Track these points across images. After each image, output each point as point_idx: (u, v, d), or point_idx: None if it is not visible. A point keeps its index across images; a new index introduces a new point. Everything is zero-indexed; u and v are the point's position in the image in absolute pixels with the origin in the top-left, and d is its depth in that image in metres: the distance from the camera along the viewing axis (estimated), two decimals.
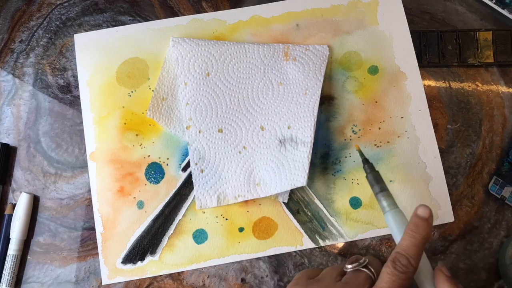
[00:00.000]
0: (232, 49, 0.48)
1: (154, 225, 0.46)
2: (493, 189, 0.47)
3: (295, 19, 0.50)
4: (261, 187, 0.46)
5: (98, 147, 0.47)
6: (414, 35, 0.50)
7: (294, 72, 0.48)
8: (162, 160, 0.47)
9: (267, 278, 0.46)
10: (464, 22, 0.51)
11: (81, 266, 0.46)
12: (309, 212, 0.47)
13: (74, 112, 0.49)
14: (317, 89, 0.46)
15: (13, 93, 0.49)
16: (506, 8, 0.51)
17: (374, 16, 0.50)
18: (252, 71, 0.48)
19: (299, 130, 0.46)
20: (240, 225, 0.46)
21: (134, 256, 0.45)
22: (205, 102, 0.47)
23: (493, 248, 0.47)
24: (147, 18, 0.50)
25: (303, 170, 0.44)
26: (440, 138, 0.49)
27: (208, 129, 0.47)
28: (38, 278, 0.46)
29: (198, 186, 0.46)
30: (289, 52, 0.48)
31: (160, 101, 0.47)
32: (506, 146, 0.48)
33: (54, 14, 0.51)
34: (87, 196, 0.47)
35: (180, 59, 0.47)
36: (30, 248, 0.46)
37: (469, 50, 0.50)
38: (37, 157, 0.48)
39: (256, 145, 0.46)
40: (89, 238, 0.46)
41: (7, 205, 0.47)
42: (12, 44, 0.50)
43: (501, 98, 0.50)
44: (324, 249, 0.46)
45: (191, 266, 0.45)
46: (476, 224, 0.47)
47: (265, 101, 0.47)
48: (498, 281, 0.46)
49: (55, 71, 0.50)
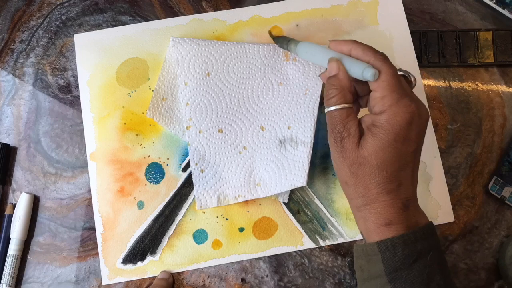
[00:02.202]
0: (232, 49, 0.48)
1: (154, 225, 0.46)
2: (493, 189, 0.47)
3: (295, 19, 0.50)
4: (261, 187, 0.46)
5: (98, 147, 0.47)
6: (414, 35, 0.50)
7: (294, 72, 0.47)
8: (162, 160, 0.47)
9: (267, 278, 0.46)
10: (464, 22, 0.51)
11: (81, 266, 0.46)
12: (309, 212, 0.47)
13: (74, 112, 0.49)
14: (317, 89, 0.46)
15: (13, 93, 0.49)
16: (506, 8, 0.51)
17: (374, 16, 0.50)
18: (252, 71, 0.48)
19: (299, 130, 0.46)
20: (240, 225, 0.46)
21: (134, 256, 0.45)
22: (205, 102, 0.47)
23: (493, 248, 0.47)
24: (147, 18, 0.50)
25: (303, 171, 0.44)
26: (440, 138, 0.49)
27: (208, 129, 0.47)
28: (38, 278, 0.46)
29: (198, 186, 0.46)
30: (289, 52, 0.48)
31: (160, 101, 0.47)
32: (506, 146, 0.48)
33: (54, 14, 0.51)
34: (87, 196, 0.47)
35: (180, 59, 0.47)
36: (30, 248, 0.46)
37: (469, 50, 0.50)
38: (37, 157, 0.48)
39: (256, 145, 0.46)
40: (89, 238, 0.46)
41: (7, 205, 0.47)
42: (12, 44, 0.50)
43: (501, 98, 0.50)
44: (324, 249, 0.46)
45: (191, 266, 0.45)
46: (476, 224, 0.47)
47: (265, 101, 0.47)
48: (498, 281, 0.46)
49: (55, 71, 0.50)
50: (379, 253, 0.33)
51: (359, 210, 0.35)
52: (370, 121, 0.34)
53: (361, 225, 0.36)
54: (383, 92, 0.34)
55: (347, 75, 0.36)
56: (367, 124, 0.35)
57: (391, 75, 0.34)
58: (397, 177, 0.34)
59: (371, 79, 0.33)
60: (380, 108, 0.34)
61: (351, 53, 0.36)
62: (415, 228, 0.34)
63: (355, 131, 0.34)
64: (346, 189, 0.36)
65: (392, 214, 0.33)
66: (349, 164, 0.34)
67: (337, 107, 0.35)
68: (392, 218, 0.33)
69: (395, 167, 0.33)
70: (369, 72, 0.33)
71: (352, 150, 0.34)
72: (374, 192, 0.34)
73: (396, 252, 0.33)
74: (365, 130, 0.35)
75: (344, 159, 0.35)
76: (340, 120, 0.35)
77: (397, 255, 0.33)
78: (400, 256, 0.32)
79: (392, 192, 0.33)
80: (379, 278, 0.33)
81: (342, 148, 0.35)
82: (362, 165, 0.34)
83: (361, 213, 0.35)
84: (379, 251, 0.33)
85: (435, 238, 0.35)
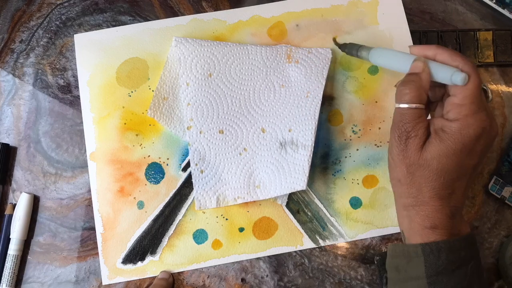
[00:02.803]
0: (234, 51, 0.48)
1: (154, 225, 0.46)
2: (493, 189, 0.47)
3: (295, 19, 0.50)
4: (260, 189, 0.46)
5: (98, 147, 0.47)
6: (414, 35, 0.50)
7: (296, 75, 0.47)
8: (162, 160, 0.47)
9: (267, 278, 0.46)
10: (464, 22, 0.51)
11: (81, 266, 0.46)
12: (309, 212, 0.47)
13: (74, 112, 0.49)
14: (319, 92, 0.46)
15: (13, 93, 0.49)
16: (506, 8, 0.51)
17: (374, 16, 0.50)
18: (254, 73, 0.48)
19: (300, 133, 0.46)
20: (240, 225, 0.46)
21: (134, 256, 0.45)
22: (207, 103, 0.47)
23: (493, 248, 0.47)
24: (147, 18, 0.50)
25: (303, 174, 0.44)
26: None
27: (209, 130, 0.47)
28: (38, 278, 0.46)
29: (198, 187, 0.46)
30: (291, 54, 0.48)
31: (161, 100, 0.47)
32: (506, 146, 0.48)
33: (54, 14, 0.51)
34: (87, 196, 0.47)
35: (182, 59, 0.47)
36: (30, 248, 0.46)
37: (469, 50, 0.50)
38: (37, 157, 0.48)
39: (257, 147, 0.46)
40: (89, 238, 0.46)
41: (7, 205, 0.47)
42: (12, 44, 0.50)
43: (501, 98, 0.50)
44: (324, 249, 0.46)
45: (191, 266, 0.45)
46: (476, 224, 0.47)
47: (266, 103, 0.47)
48: (498, 281, 0.46)
49: (55, 71, 0.50)
50: (422, 255, 0.33)
51: (406, 209, 0.35)
52: (440, 125, 0.34)
53: (405, 224, 0.36)
54: (463, 100, 0.33)
55: (429, 76, 0.35)
56: (436, 127, 0.35)
57: (477, 85, 0.34)
58: (452, 186, 0.34)
59: (460, 83, 0.33)
60: (455, 116, 0.34)
61: (437, 58, 0.36)
62: (458, 235, 0.34)
63: (423, 133, 0.35)
64: (398, 187, 0.36)
65: (439, 219, 0.34)
66: (408, 164, 0.35)
67: (411, 105, 0.35)
68: (439, 223, 0.34)
69: (453, 176, 0.34)
70: (459, 76, 0.33)
71: (415, 150, 0.34)
72: (427, 195, 0.34)
73: (440, 256, 0.33)
74: (432, 133, 0.35)
75: (404, 157, 0.35)
76: (411, 119, 0.35)
77: (441, 259, 0.33)
78: (444, 261, 0.33)
79: (444, 198, 0.34)
80: (418, 280, 0.33)
81: (405, 147, 0.35)
82: (421, 167, 0.34)
83: (408, 212, 0.35)
84: (423, 253, 0.33)
85: (476, 248, 0.35)
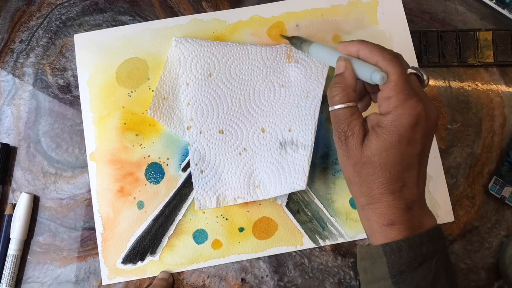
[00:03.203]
0: (234, 50, 0.48)
1: (154, 225, 0.46)
2: (493, 189, 0.47)
3: (295, 19, 0.50)
4: (260, 190, 0.46)
5: (98, 147, 0.47)
6: (414, 35, 0.50)
7: (296, 75, 0.47)
8: (162, 160, 0.47)
9: (267, 278, 0.46)
10: (464, 22, 0.51)
11: (81, 266, 0.46)
12: (309, 212, 0.47)
13: (74, 112, 0.49)
14: (319, 92, 0.46)
15: (13, 93, 0.49)
16: (506, 8, 0.51)
17: (374, 16, 0.50)
18: (254, 73, 0.48)
19: (300, 133, 0.46)
20: (240, 225, 0.46)
21: (134, 256, 0.45)
22: (207, 103, 0.47)
23: (493, 248, 0.47)
24: (147, 18, 0.50)
25: (303, 174, 0.44)
26: (440, 138, 0.49)
27: (209, 130, 0.47)
28: (38, 278, 0.46)
29: (198, 187, 0.46)
30: (291, 54, 0.48)
31: (161, 100, 0.47)
32: (506, 146, 0.48)
33: (54, 14, 0.51)
34: (87, 196, 0.47)
35: (182, 59, 0.47)
36: (30, 248, 0.46)
37: (469, 50, 0.50)
38: (37, 157, 0.48)
39: (257, 147, 0.46)
40: (89, 238, 0.46)
41: (7, 205, 0.47)
42: (12, 44, 0.50)
43: (501, 98, 0.50)
44: (324, 249, 0.46)
45: (191, 266, 0.45)
46: (476, 224, 0.47)
47: (266, 103, 0.47)
48: (498, 281, 0.46)
49: (55, 71, 0.50)
50: (384, 255, 0.33)
51: (363, 209, 0.35)
52: (376, 120, 0.34)
53: (365, 224, 0.36)
54: (389, 93, 0.33)
55: (353, 74, 0.35)
56: (372, 123, 0.34)
57: (399, 75, 0.33)
58: (401, 178, 0.33)
59: (380, 82, 0.33)
60: (385, 109, 0.33)
61: (359, 54, 0.36)
62: (420, 230, 0.34)
63: (359, 130, 0.34)
64: (351, 188, 0.36)
65: (394, 214, 0.33)
66: (353, 163, 0.34)
67: (341, 106, 0.35)
68: (395, 218, 0.33)
69: (398, 168, 0.33)
70: (377, 76, 0.33)
71: (356, 149, 0.34)
72: (377, 192, 0.34)
73: (401, 255, 0.33)
74: (369, 130, 0.34)
75: (348, 158, 0.35)
76: (344, 119, 0.35)
77: (402, 258, 0.33)
78: (405, 259, 0.32)
79: (395, 192, 0.33)
80: (384, 280, 0.33)
81: (347, 147, 0.35)
82: (365, 165, 0.34)
83: (365, 212, 0.35)
84: (384, 253, 0.33)
85: (441, 241, 0.34)
